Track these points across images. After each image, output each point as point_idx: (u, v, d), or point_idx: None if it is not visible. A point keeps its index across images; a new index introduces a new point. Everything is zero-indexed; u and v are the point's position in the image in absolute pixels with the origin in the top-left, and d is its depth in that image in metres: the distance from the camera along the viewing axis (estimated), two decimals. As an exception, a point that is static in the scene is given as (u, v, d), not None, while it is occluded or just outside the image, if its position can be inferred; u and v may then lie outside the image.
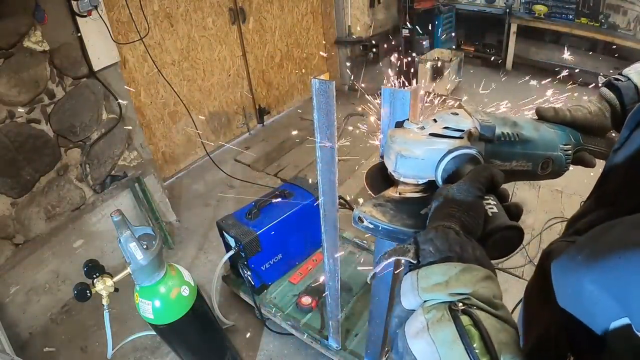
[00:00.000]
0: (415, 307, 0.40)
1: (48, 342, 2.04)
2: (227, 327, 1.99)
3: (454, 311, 0.37)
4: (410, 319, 0.40)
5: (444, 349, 0.36)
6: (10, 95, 1.89)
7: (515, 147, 0.59)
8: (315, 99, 0.89)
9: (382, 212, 0.59)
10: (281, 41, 3.88)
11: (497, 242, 0.47)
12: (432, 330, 0.37)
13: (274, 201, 1.92)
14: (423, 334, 0.37)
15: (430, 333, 0.37)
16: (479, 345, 0.35)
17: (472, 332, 0.36)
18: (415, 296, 0.40)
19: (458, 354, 0.35)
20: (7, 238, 2.03)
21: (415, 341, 0.38)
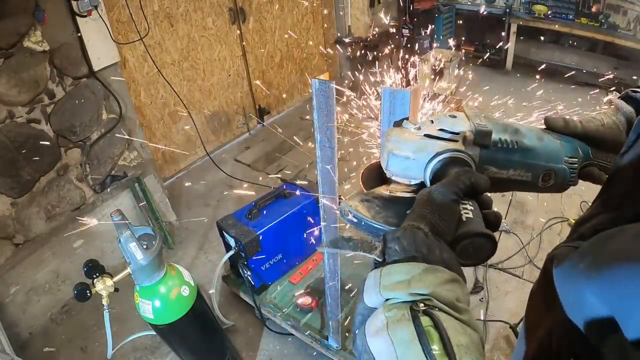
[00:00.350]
0: (377, 305, 0.40)
1: (48, 342, 2.04)
2: (227, 327, 1.99)
3: (414, 311, 0.37)
4: (371, 317, 0.39)
5: (402, 349, 0.35)
6: (10, 95, 1.89)
7: (513, 155, 0.58)
8: (315, 99, 0.89)
9: (367, 208, 0.58)
10: (281, 41, 3.88)
11: (466, 248, 0.46)
12: (391, 330, 0.36)
13: (273, 201, 1.92)
14: (382, 333, 0.37)
15: (389, 332, 0.36)
16: (438, 346, 0.34)
17: (432, 333, 0.35)
18: (377, 294, 0.39)
19: (415, 354, 0.34)
20: (7, 238, 2.03)
21: (374, 340, 0.37)
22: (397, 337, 0.36)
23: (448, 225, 0.45)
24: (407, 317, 0.36)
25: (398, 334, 0.36)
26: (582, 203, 2.62)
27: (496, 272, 2.24)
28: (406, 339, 0.35)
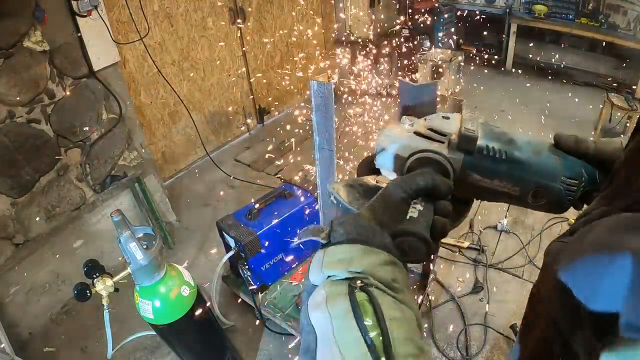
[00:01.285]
0: (320, 282, 0.42)
1: (48, 342, 2.04)
2: (227, 327, 1.99)
3: (351, 287, 0.39)
4: (314, 293, 0.42)
5: (338, 321, 0.38)
6: (10, 95, 1.89)
7: (499, 164, 0.55)
8: (314, 101, 0.89)
9: (347, 193, 0.60)
10: (281, 41, 3.88)
11: (402, 245, 0.46)
12: (330, 303, 0.39)
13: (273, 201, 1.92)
14: (321, 306, 0.39)
15: (328, 305, 0.39)
16: (372, 319, 0.37)
17: (366, 306, 0.38)
18: (319, 271, 0.42)
19: (349, 325, 0.37)
20: (7, 238, 2.03)
21: (314, 313, 0.40)
22: (334, 310, 0.38)
23: (391, 218, 0.47)
24: (344, 292, 0.39)
25: (335, 308, 0.38)
26: (581, 203, 2.62)
27: (496, 272, 2.24)
28: (342, 312, 0.38)
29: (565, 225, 2.54)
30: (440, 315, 2.02)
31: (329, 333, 0.38)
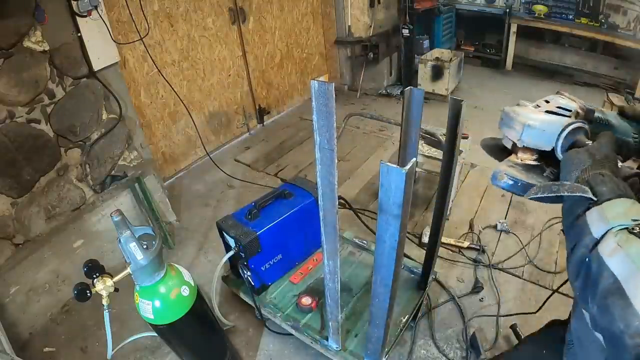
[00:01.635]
0: (601, 234, 0.51)
1: (48, 342, 2.04)
2: (227, 328, 1.99)
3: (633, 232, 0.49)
4: (602, 244, 0.50)
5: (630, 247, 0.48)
6: (10, 95, 1.89)
7: (605, 129, 0.73)
8: (315, 101, 0.89)
9: (518, 172, 0.73)
10: (281, 41, 3.88)
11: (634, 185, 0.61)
12: (625, 247, 0.48)
13: (273, 201, 1.92)
14: (618, 252, 0.48)
15: (624, 250, 0.48)
16: None
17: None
18: (604, 224, 0.51)
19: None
20: (7, 238, 2.03)
21: (611, 259, 0.49)
22: (632, 252, 0.47)
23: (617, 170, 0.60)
24: (633, 237, 0.48)
25: (632, 250, 0.47)
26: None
27: (496, 272, 2.24)
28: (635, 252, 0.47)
29: (565, 226, 2.54)
30: (440, 316, 2.02)
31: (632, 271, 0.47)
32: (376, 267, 1.17)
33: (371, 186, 2.98)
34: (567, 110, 0.71)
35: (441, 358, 1.84)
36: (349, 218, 2.62)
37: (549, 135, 0.69)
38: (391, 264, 1.11)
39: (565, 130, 0.68)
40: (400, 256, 1.14)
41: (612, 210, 0.52)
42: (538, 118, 0.70)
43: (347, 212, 2.64)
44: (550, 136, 0.69)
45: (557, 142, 0.69)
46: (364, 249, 2.12)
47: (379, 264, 1.15)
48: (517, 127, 0.71)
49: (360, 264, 2.04)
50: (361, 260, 2.06)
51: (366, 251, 2.11)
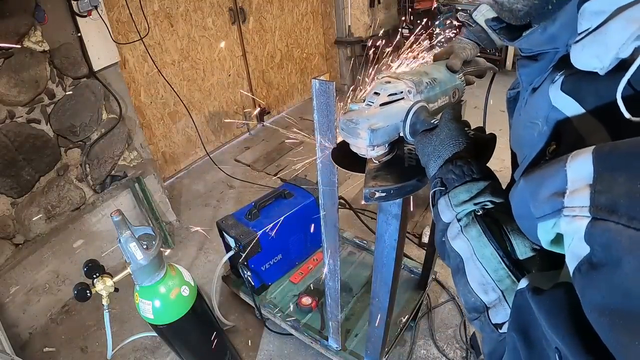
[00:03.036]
0: (451, 219, 0.55)
1: (48, 342, 2.04)
2: (227, 328, 1.99)
3: (477, 216, 0.52)
4: (449, 228, 0.55)
5: (474, 242, 0.51)
6: (10, 95, 1.89)
7: (435, 89, 0.77)
8: (316, 100, 0.89)
9: (384, 180, 0.72)
10: (281, 41, 3.88)
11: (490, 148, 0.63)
12: (465, 231, 0.52)
13: (273, 201, 1.92)
14: (460, 236, 0.53)
15: (465, 234, 0.52)
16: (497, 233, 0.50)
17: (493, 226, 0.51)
18: (450, 211, 0.55)
19: (484, 244, 0.50)
20: (7, 238, 2.03)
21: (455, 242, 0.53)
22: (470, 235, 0.52)
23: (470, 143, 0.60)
24: (473, 221, 0.52)
25: (470, 233, 0.52)
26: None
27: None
28: (476, 235, 0.51)
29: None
30: (440, 316, 2.02)
31: (470, 253, 0.51)
32: (376, 267, 1.17)
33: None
34: (399, 94, 0.71)
35: (441, 358, 1.84)
36: (349, 218, 2.62)
37: (393, 127, 0.70)
38: (391, 263, 1.11)
39: (409, 117, 0.68)
40: (400, 256, 1.14)
41: (456, 198, 0.55)
42: (378, 117, 0.69)
43: (347, 212, 2.64)
44: (395, 128, 0.70)
45: (404, 130, 0.69)
46: (364, 249, 2.12)
47: (379, 263, 1.15)
48: (363, 135, 0.70)
49: (360, 264, 2.04)
50: (361, 260, 2.06)
51: (366, 251, 2.11)
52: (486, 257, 0.50)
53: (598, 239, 0.33)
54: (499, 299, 0.49)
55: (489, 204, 0.53)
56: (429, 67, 0.82)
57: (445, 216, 0.56)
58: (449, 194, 0.56)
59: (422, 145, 0.64)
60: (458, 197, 0.55)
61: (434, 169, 0.60)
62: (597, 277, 0.33)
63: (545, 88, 0.49)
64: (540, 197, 0.38)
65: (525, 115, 0.55)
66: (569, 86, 0.45)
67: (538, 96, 0.51)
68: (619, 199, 0.31)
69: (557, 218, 0.37)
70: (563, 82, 0.45)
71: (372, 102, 0.72)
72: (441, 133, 0.62)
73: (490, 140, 0.64)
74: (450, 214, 0.55)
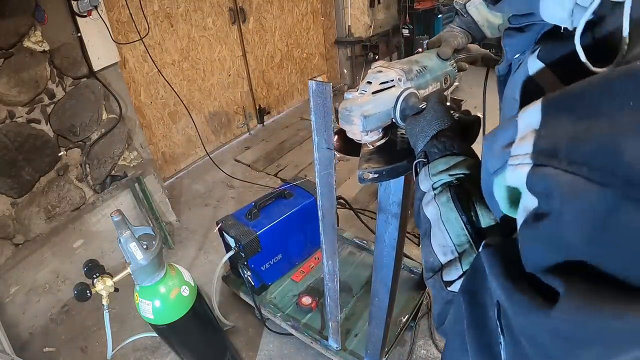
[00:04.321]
0: (428, 188, 0.58)
1: (48, 342, 2.04)
2: (227, 328, 1.99)
3: (450, 186, 0.56)
4: (425, 196, 0.59)
5: (442, 207, 0.55)
6: (10, 95, 1.89)
7: (425, 76, 0.80)
8: (313, 101, 0.89)
9: (376, 162, 0.77)
10: (281, 41, 3.88)
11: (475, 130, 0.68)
12: (437, 198, 0.56)
13: (273, 201, 1.92)
14: (432, 202, 0.56)
15: (436, 200, 0.56)
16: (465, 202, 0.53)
17: (461, 195, 0.54)
18: (427, 180, 0.58)
19: (450, 208, 0.54)
20: (7, 238, 2.04)
21: (427, 208, 0.57)
22: (439, 201, 0.55)
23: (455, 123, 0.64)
24: (445, 190, 0.56)
25: (440, 199, 0.55)
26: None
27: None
28: (445, 201, 0.55)
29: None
30: (440, 315, 2.02)
31: (437, 217, 0.55)
32: (376, 267, 1.17)
33: (371, 186, 2.98)
34: (390, 82, 0.75)
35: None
36: (349, 218, 2.62)
37: (385, 113, 0.75)
38: (391, 264, 1.11)
39: (398, 103, 0.74)
40: (400, 256, 1.14)
41: (434, 169, 0.59)
42: (370, 104, 0.74)
43: (347, 212, 2.64)
44: (387, 114, 0.75)
45: (394, 116, 0.75)
46: (364, 249, 2.12)
47: (378, 263, 1.15)
48: (356, 121, 0.75)
49: (360, 264, 2.04)
50: (361, 260, 2.06)
51: (366, 251, 2.11)
52: (450, 221, 0.53)
53: (538, 187, 0.32)
54: (455, 259, 0.52)
55: (462, 176, 0.56)
56: (420, 56, 0.86)
57: (423, 185, 0.60)
58: (429, 165, 0.59)
59: (411, 127, 0.68)
60: (436, 167, 0.58)
61: (421, 146, 0.64)
62: (539, 231, 0.32)
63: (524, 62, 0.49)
64: (494, 152, 0.39)
65: (508, 90, 0.55)
66: (544, 54, 0.45)
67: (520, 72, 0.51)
68: (561, 142, 0.30)
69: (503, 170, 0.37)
70: (540, 50, 0.46)
71: (365, 91, 0.76)
72: (428, 114, 0.65)
73: (475, 122, 0.68)
74: (428, 183, 0.58)
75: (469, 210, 0.52)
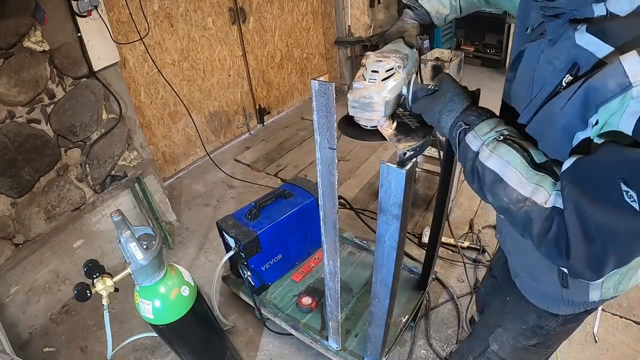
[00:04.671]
0: (478, 147, 0.72)
1: (48, 342, 2.04)
2: (227, 328, 1.99)
3: (502, 140, 0.71)
4: (480, 154, 0.72)
5: (505, 156, 0.69)
6: (10, 95, 1.89)
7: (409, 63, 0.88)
8: (315, 101, 0.89)
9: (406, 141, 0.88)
10: (281, 41, 3.88)
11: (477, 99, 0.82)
12: (495, 151, 0.70)
13: (273, 201, 1.92)
14: (492, 155, 0.70)
15: (495, 152, 0.70)
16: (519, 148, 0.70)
17: (513, 144, 0.70)
18: (478, 140, 0.73)
19: (512, 153, 0.69)
20: (7, 238, 2.04)
21: (488, 161, 0.71)
22: (500, 153, 0.70)
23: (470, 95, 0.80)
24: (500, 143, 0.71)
25: (500, 151, 0.70)
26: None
27: (496, 273, 2.24)
28: (506, 151, 0.70)
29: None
30: (439, 316, 2.03)
31: (504, 163, 0.69)
32: (376, 267, 1.17)
33: (371, 186, 2.98)
34: (392, 69, 0.83)
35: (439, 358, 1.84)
36: (349, 218, 2.62)
37: (397, 97, 0.84)
38: (391, 264, 1.11)
39: (410, 89, 0.84)
40: (400, 256, 1.14)
41: (481, 130, 0.73)
42: (387, 91, 0.82)
43: (347, 212, 2.65)
44: (398, 97, 0.84)
45: (407, 98, 0.85)
46: (364, 249, 2.12)
47: (379, 264, 1.15)
48: (378, 108, 0.83)
49: (360, 264, 2.04)
50: (361, 260, 2.06)
51: (366, 251, 2.11)
52: (517, 164, 0.68)
53: None
54: (536, 187, 0.67)
55: (505, 132, 0.72)
56: (395, 46, 0.96)
57: (474, 145, 0.73)
58: (474, 129, 0.73)
59: (429, 106, 0.80)
60: (482, 129, 0.73)
61: (449, 119, 0.77)
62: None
63: (565, 36, 0.69)
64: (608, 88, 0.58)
65: (544, 58, 0.74)
66: (592, 29, 0.64)
67: (558, 44, 0.71)
68: None
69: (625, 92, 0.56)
70: (587, 27, 0.65)
71: (375, 79, 0.82)
72: (447, 92, 0.79)
73: (476, 92, 0.83)
74: (478, 142, 0.72)
75: (523, 152, 0.69)
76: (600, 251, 0.60)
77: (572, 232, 0.61)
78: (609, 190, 0.57)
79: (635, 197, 0.55)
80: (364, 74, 0.85)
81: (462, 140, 0.75)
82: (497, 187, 0.70)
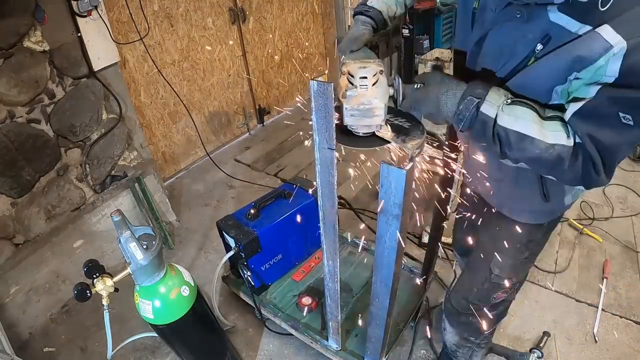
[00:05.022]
0: (495, 113, 0.83)
1: (48, 342, 2.04)
2: (227, 328, 1.99)
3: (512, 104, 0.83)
4: (499, 118, 0.83)
5: (523, 115, 0.82)
6: (10, 95, 1.89)
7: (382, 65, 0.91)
8: (314, 101, 0.89)
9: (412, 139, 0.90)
10: (281, 41, 3.88)
11: None
12: (512, 113, 0.82)
13: (273, 201, 1.92)
14: (510, 118, 0.82)
15: (512, 114, 0.82)
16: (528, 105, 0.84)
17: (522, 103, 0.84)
18: (494, 108, 0.83)
19: (529, 112, 0.82)
20: (7, 238, 2.04)
21: (509, 122, 0.82)
22: (516, 114, 0.82)
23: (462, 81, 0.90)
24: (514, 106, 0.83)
25: (516, 112, 0.83)
26: (581, 203, 2.62)
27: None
28: (519, 111, 0.83)
29: (566, 225, 2.54)
30: (439, 316, 2.02)
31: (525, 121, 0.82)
32: (376, 267, 1.17)
33: (371, 186, 2.98)
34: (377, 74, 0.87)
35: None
36: (349, 218, 2.62)
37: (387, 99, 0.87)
38: (391, 264, 1.11)
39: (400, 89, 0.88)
40: (401, 257, 1.14)
41: (493, 98, 0.83)
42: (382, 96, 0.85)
43: (347, 212, 2.65)
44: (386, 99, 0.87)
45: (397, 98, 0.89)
46: (364, 249, 2.12)
47: (379, 264, 1.15)
48: (379, 113, 0.85)
49: (360, 264, 2.04)
50: (361, 260, 2.06)
51: (366, 251, 2.11)
52: (534, 118, 0.82)
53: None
54: (555, 133, 0.81)
55: (510, 94, 0.84)
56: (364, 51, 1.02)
57: (491, 113, 0.83)
58: (486, 99, 0.83)
59: (425, 96, 0.87)
60: (493, 97, 0.83)
61: (454, 99, 0.85)
62: None
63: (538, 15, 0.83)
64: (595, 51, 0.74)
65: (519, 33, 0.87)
66: (562, 9, 0.79)
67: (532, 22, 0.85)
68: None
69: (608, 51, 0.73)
70: (559, 7, 0.79)
71: (366, 85, 0.85)
72: (438, 79, 0.87)
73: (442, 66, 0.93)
74: (494, 109, 0.82)
75: (534, 109, 0.82)
76: (613, 162, 0.82)
77: (595, 155, 0.79)
78: (611, 119, 0.77)
79: (630, 119, 0.75)
80: (352, 81, 0.86)
81: (479, 112, 0.83)
82: (524, 143, 0.81)
